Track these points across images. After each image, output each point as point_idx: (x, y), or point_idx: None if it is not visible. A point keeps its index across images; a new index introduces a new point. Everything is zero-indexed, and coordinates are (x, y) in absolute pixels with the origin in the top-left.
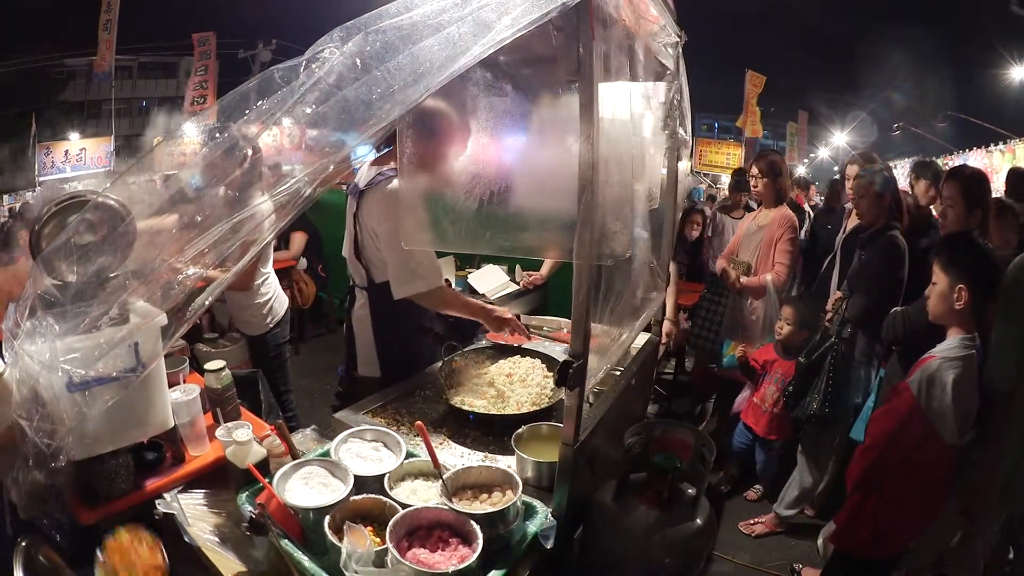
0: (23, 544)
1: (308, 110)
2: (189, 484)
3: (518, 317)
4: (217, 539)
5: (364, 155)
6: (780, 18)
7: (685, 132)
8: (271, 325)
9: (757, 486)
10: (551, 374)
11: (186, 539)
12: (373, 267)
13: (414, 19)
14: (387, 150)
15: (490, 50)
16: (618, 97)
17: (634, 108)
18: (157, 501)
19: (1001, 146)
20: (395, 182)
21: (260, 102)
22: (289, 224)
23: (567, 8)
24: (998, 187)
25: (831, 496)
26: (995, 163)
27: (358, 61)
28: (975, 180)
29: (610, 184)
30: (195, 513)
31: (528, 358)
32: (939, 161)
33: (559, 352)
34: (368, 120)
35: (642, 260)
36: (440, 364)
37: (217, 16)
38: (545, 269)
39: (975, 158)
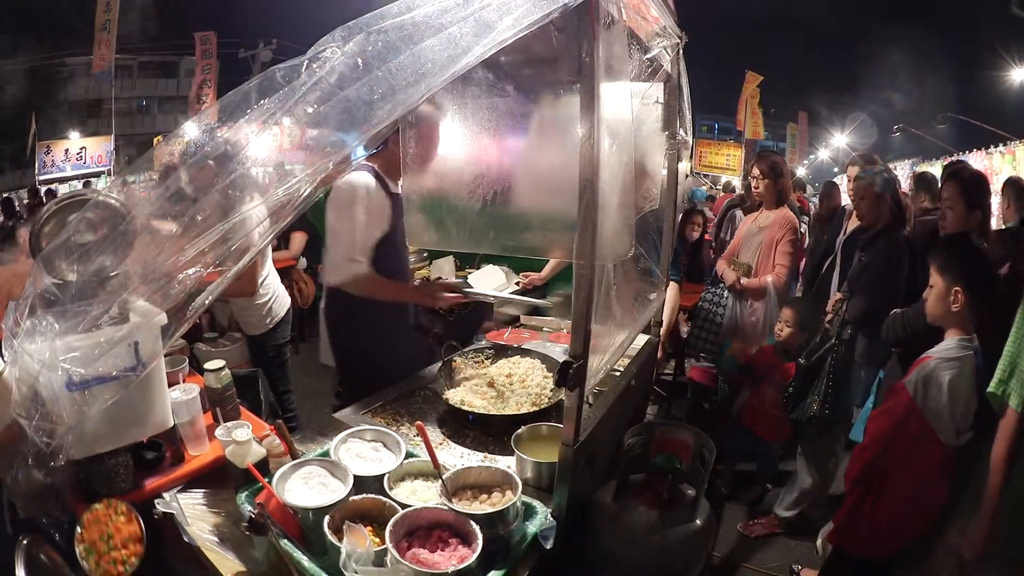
0: (24, 543)
1: (310, 109)
2: (188, 484)
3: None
4: (216, 539)
5: (364, 155)
6: (781, 20)
7: (686, 133)
8: (271, 325)
9: (756, 487)
10: (551, 375)
11: (185, 539)
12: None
13: (416, 19)
14: (375, 151)
15: (491, 51)
16: (619, 97)
17: (635, 109)
18: (156, 500)
19: (1001, 148)
20: (353, 176)
21: (261, 102)
22: (289, 224)
23: (568, 9)
24: (998, 188)
25: (831, 497)
26: (995, 165)
27: (360, 61)
28: (975, 181)
29: (612, 184)
30: (194, 513)
31: (528, 358)
32: (939, 163)
33: (559, 352)
34: (370, 120)
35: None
36: (440, 364)
37: (217, 15)
38: (547, 270)
39: (975, 160)
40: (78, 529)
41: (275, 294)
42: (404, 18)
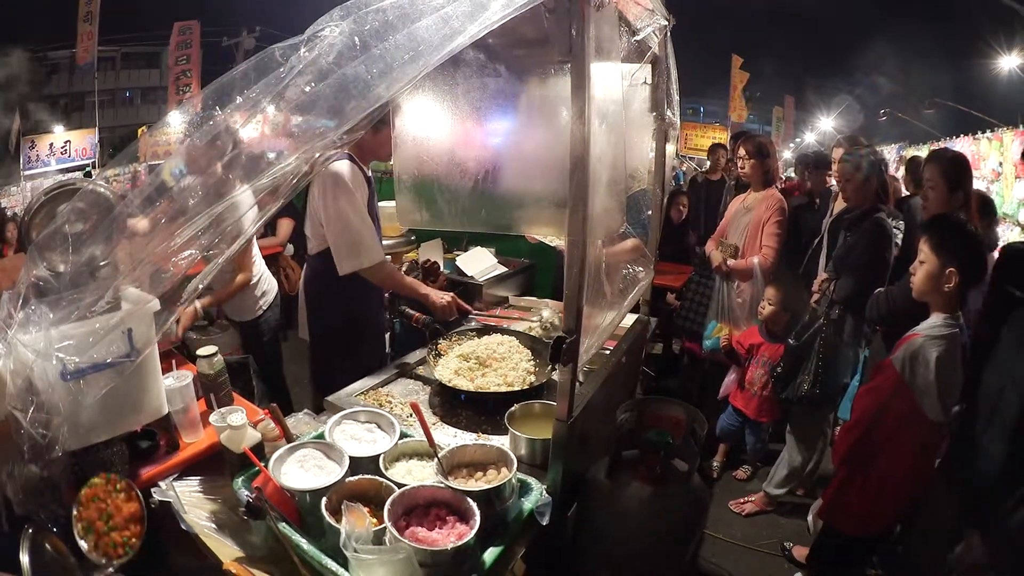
0: (30, 531)
1: (307, 88)
2: (184, 471)
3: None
4: (214, 525)
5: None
6: (767, 3)
7: (673, 115)
8: (263, 309)
9: (746, 466)
10: (531, 355)
11: (183, 526)
12: (310, 239)
13: None
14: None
15: (485, 30)
16: (609, 77)
17: (624, 89)
18: (153, 489)
19: (988, 133)
20: (337, 164)
21: (260, 80)
22: (279, 208)
23: None
24: (985, 174)
25: (820, 475)
26: (982, 150)
27: (357, 40)
28: (956, 163)
29: (602, 162)
30: (191, 500)
31: (509, 336)
32: (926, 148)
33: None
34: (367, 97)
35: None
36: (427, 348)
37: (199, 4)
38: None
39: (962, 145)
40: (75, 506)
41: (263, 275)
42: None
